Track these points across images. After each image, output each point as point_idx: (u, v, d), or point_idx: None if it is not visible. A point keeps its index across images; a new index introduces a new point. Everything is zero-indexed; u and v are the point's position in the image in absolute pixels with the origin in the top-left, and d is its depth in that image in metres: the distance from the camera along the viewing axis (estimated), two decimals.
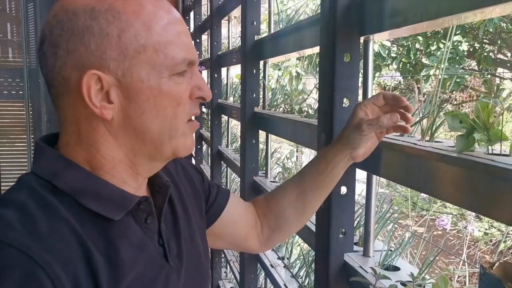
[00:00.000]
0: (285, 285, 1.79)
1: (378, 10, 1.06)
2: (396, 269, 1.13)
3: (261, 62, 2.19)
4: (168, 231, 0.81)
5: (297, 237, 1.90)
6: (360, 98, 1.20)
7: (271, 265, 2.00)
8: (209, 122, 3.46)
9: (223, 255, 3.36)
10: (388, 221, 1.25)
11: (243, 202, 1.10)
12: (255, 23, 2.10)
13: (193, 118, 0.77)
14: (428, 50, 7.51)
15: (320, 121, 1.21)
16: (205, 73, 3.91)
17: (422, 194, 2.36)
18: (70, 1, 0.69)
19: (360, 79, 1.17)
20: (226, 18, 3.24)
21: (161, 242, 0.77)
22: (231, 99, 3.23)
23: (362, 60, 1.18)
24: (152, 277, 0.73)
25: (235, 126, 3.51)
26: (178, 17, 0.74)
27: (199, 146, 4.50)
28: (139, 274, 0.71)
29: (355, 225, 1.23)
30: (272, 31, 2.09)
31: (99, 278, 0.65)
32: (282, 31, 1.77)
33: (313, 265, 1.53)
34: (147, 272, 0.73)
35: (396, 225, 1.28)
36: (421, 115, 0.99)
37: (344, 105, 1.14)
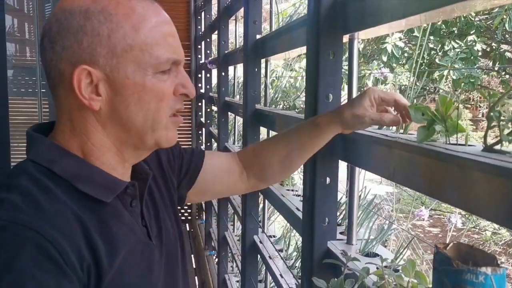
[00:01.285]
0: (281, 275, 1.86)
1: (359, 9, 1.12)
2: (376, 255, 1.19)
3: (263, 61, 2.27)
4: (149, 214, 0.89)
5: (294, 230, 1.96)
6: (344, 93, 1.26)
7: (270, 257, 2.07)
8: (217, 120, 3.54)
9: (229, 250, 3.43)
10: (373, 212, 1.31)
11: (224, 157, 1.16)
12: (256, 22, 2.17)
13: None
14: (442, 50, 7.45)
15: (306, 115, 1.28)
16: (215, 72, 3.99)
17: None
18: (68, 2, 0.76)
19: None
20: (234, 17, 3.31)
21: (144, 223, 0.86)
22: (238, 97, 3.30)
23: (348, 58, 1.24)
24: (140, 252, 0.82)
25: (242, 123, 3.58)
26: (166, 20, 0.81)
27: (208, 144, 4.60)
28: (130, 251, 0.79)
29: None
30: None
31: (98, 253, 0.72)
32: (279, 30, 1.83)
33: None
34: (135, 249, 0.81)
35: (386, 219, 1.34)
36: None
37: (328, 100, 1.20)
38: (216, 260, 3.87)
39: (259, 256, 2.35)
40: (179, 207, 1.05)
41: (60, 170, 0.75)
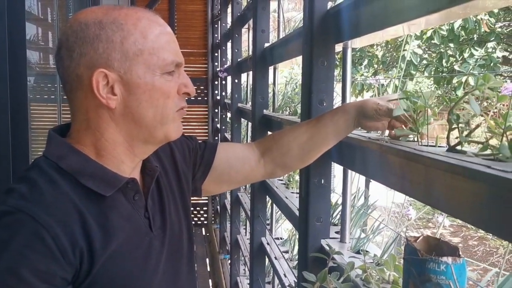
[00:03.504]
0: (284, 274, 1.93)
1: (349, 19, 1.19)
2: (367, 252, 1.25)
3: (271, 68, 2.35)
4: (155, 207, 0.97)
5: None
6: (339, 99, 1.34)
7: (275, 257, 2.14)
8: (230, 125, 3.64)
9: (241, 253, 3.51)
10: (364, 212, 1.37)
11: (239, 147, 1.21)
12: (264, 31, 2.26)
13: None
14: (461, 57, 7.40)
15: (302, 119, 1.35)
16: (230, 79, 4.09)
17: None
18: (82, 15, 0.87)
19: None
20: (247, 26, 3.41)
21: (147, 215, 0.94)
22: (250, 103, 3.39)
23: (342, 65, 1.31)
24: (137, 241, 0.90)
25: None
26: (168, 29, 0.91)
27: None
28: (126, 239, 0.88)
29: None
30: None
31: (92, 239, 0.82)
32: (283, 39, 1.92)
33: None
34: (133, 238, 0.89)
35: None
36: None
37: (320, 105, 1.28)
38: (229, 262, 3.95)
39: (267, 259, 2.43)
40: (197, 209, 1.13)
41: (67, 166, 0.85)
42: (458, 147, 0.77)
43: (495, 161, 0.67)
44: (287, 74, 2.76)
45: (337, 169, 1.46)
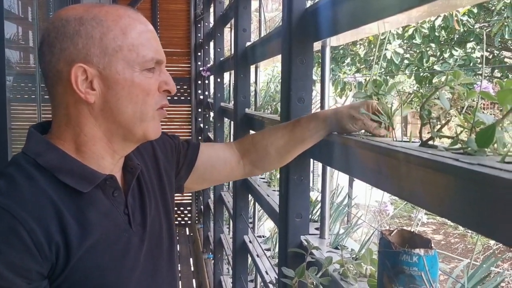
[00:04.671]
0: (266, 272, 1.94)
1: (327, 17, 1.21)
2: (344, 247, 1.27)
3: (253, 67, 2.36)
4: (135, 204, 0.98)
5: None
6: (319, 96, 1.35)
7: (257, 255, 2.15)
8: (213, 125, 3.64)
9: (224, 253, 3.51)
10: (344, 209, 1.39)
11: (220, 148, 1.24)
12: (246, 30, 2.27)
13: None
14: (442, 57, 7.51)
15: (282, 117, 1.37)
16: (212, 78, 4.09)
17: None
18: (64, 12, 0.88)
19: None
20: (229, 26, 3.41)
21: (126, 212, 0.95)
22: (232, 102, 3.40)
23: (320, 63, 1.33)
24: (115, 237, 0.91)
25: None
26: (149, 27, 0.93)
27: None
28: (104, 235, 0.88)
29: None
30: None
31: (68, 234, 0.82)
32: (264, 38, 1.93)
33: None
34: (111, 233, 0.90)
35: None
36: None
37: (300, 103, 1.29)
38: (213, 262, 3.95)
39: (249, 257, 2.44)
40: (180, 208, 1.15)
41: (44, 162, 0.85)
42: (430, 142, 0.79)
43: (464, 155, 0.69)
44: (270, 72, 2.78)
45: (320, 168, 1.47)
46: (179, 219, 6.21)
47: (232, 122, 3.39)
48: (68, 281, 0.82)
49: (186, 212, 6.27)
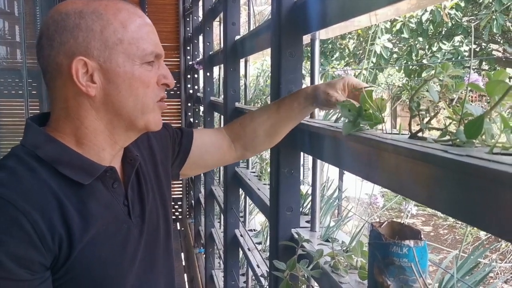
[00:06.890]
0: (257, 265, 1.95)
1: (316, 10, 1.21)
2: (335, 240, 1.27)
3: (242, 61, 2.35)
4: (134, 195, 0.98)
5: None
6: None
7: (248, 249, 2.16)
8: (203, 119, 3.63)
9: (215, 247, 3.52)
10: (335, 202, 1.40)
11: (213, 133, 1.27)
12: (235, 24, 2.26)
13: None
14: (430, 51, 7.55)
15: None
16: (201, 72, 4.07)
17: None
18: (63, 6, 0.88)
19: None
20: (218, 19, 3.40)
21: (126, 203, 0.95)
22: (222, 97, 3.39)
23: (310, 56, 1.33)
24: (115, 228, 0.91)
25: None
26: (147, 21, 0.93)
27: None
28: (104, 226, 0.89)
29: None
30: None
31: (71, 226, 0.82)
32: (253, 31, 1.92)
33: None
34: (111, 225, 0.90)
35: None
36: None
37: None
38: (204, 256, 3.95)
39: (240, 251, 2.44)
40: (171, 203, 1.16)
41: (43, 154, 0.85)
42: (420, 134, 0.80)
43: (453, 146, 0.69)
44: (260, 66, 2.77)
45: (311, 161, 1.48)
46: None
47: (222, 116, 3.39)
48: (70, 273, 0.83)
49: (177, 207, 6.26)
